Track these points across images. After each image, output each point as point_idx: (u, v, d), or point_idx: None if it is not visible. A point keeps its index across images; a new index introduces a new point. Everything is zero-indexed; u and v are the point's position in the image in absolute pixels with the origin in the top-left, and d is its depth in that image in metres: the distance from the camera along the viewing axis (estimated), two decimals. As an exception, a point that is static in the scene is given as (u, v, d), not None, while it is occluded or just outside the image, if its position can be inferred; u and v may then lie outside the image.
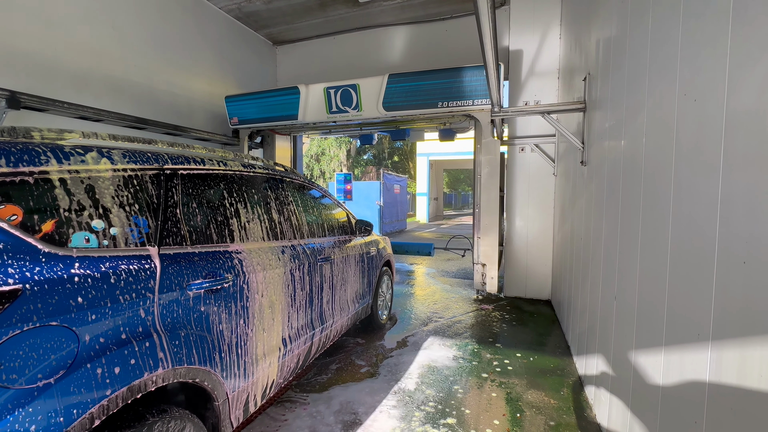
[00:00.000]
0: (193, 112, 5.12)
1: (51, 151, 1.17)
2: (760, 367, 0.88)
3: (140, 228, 1.36)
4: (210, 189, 1.75)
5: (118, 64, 4.08)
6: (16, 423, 0.89)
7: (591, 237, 2.60)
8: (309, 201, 2.69)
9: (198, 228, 1.60)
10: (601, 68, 2.52)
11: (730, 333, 1.00)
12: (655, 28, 1.56)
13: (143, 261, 1.30)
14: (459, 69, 3.86)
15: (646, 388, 1.54)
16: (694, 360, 1.17)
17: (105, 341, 1.11)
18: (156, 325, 1.28)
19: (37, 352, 0.96)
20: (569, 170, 3.63)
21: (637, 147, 1.74)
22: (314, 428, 2.21)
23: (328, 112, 4.54)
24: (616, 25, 2.14)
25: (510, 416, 2.32)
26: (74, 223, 1.16)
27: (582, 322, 2.83)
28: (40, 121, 3.36)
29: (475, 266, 4.55)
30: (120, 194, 1.32)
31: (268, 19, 5.89)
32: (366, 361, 3.10)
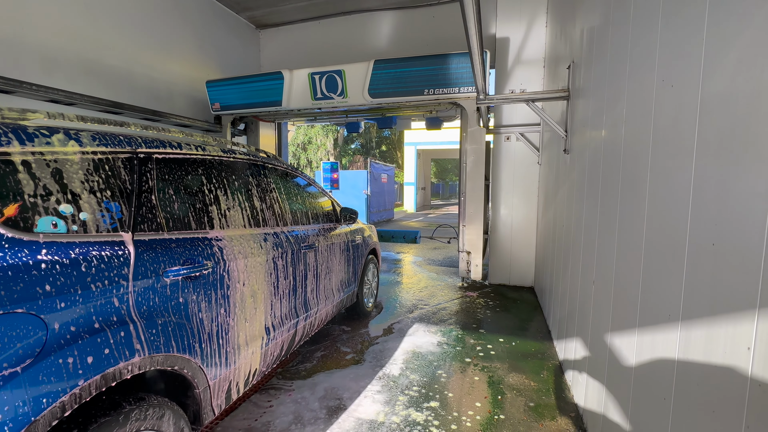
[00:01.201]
0: (173, 97, 4.95)
1: (12, 132, 1.11)
2: (725, 344, 0.92)
3: (113, 213, 1.31)
4: (188, 174, 1.70)
5: (92, 45, 3.89)
6: (-20, 413, 0.86)
7: (572, 224, 2.65)
8: (293, 188, 2.65)
9: (175, 214, 1.56)
10: (585, 56, 2.53)
11: (698, 313, 1.03)
12: (637, 14, 1.56)
13: (116, 247, 1.26)
14: (445, 56, 3.83)
15: (620, 368, 1.59)
16: (664, 340, 1.21)
17: (76, 329, 1.08)
18: (131, 313, 1.25)
19: (1, 340, 0.93)
20: (553, 159, 3.67)
21: (616, 134, 1.76)
22: (298, 414, 2.22)
23: (313, 99, 4.46)
24: (600, 13, 2.14)
25: (491, 398, 2.38)
26: (40, 208, 1.11)
27: (562, 307, 2.90)
28: (6, 102, 3.19)
29: (461, 254, 4.59)
30: (90, 178, 1.27)
31: (250, 1, 5.69)
32: (351, 348, 3.12)
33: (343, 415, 2.21)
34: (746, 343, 0.83)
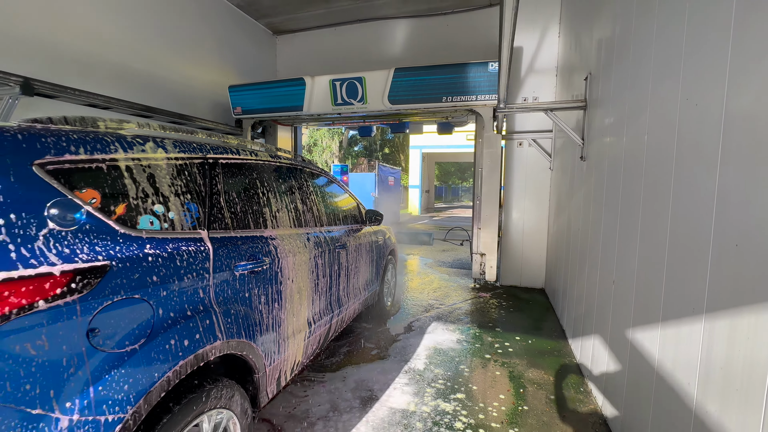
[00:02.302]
0: (194, 100, 5.12)
1: (117, 141, 1.26)
2: (747, 331, 1.06)
3: (192, 213, 1.46)
4: (245, 177, 1.85)
5: (122, 51, 4.06)
6: (113, 382, 1.01)
7: (590, 228, 2.80)
8: (326, 190, 2.81)
9: (238, 214, 1.71)
10: (603, 69, 2.68)
11: (722, 306, 1.18)
12: (659, 34, 1.71)
13: (198, 243, 1.41)
14: (464, 65, 3.99)
15: (642, 360, 1.73)
16: (689, 331, 1.35)
17: (174, 315, 1.23)
18: (212, 303, 1.40)
19: (124, 321, 1.08)
20: (567, 165, 3.81)
21: (639, 144, 1.91)
22: (334, 403, 2.36)
23: (333, 104, 4.62)
24: (620, 30, 2.30)
25: (514, 391, 2.52)
26: (140, 208, 1.27)
27: (578, 307, 3.04)
28: (49, 107, 3.36)
29: (474, 256, 4.73)
30: (174, 182, 1.42)
31: (269, 8, 5.87)
32: (375, 344, 3.27)
33: (376, 404, 2.35)
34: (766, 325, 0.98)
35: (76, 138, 1.14)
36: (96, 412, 0.97)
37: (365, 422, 2.18)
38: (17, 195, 0.94)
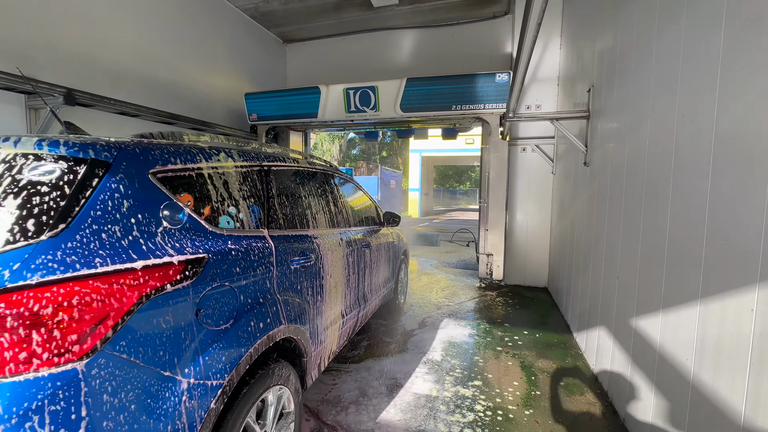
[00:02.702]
0: (211, 107, 5.33)
1: (200, 152, 1.47)
2: (734, 311, 1.29)
3: (255, 214, 1.67)
4: (291, 182, 2.07)
5: (149, 61, 4.27)
6: (213, 353, 1.22)
7: (594, 228, 3.03)
8: (351, 193, 3.02)
9: (287, 215, 1.92)
10: (606, 83, 2.93)
11: (714, 292, 1.41)
12: (658, 56, 1.96)
13: (263, 240, 1.62)
14: (473, 75, 4.23)
15: (645, 345, 1.96)
16: (687, 315, 1.58)
17: (252, 301, 1.44)
18: (276, 292, 1.61)
19: (218, 304, 1.28)
20: (570, 170, 4.06)
21: (640, 153, 2.15)
22: (362, 389, 2.57)
23: (347, 111, 4.84)
24: (621, 48, 2.54)
25: (526, 379, 2.74)
26: (220, 209, 1.48)
27: (583, 303, 3.27)
28: (84, 115, 3.55)
29: (480, 256, 4.96)
30: (241, 186, 1.64)
31: (282, 19, 6.10)
32: (393, 339, 3.47)
33: (401, 391, 2.56)
34: (749, 306, 1.21)
35: (173, 150, 1.35)
36: (204, 377, 1.17)
37: (393, 405, 2.39)
38: (141, 198, 1.15)
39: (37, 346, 0.85)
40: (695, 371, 1.50)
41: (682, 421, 1.57)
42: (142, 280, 1.04)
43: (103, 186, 1.07)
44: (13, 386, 0.82)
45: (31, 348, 0.84)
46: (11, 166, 1.03)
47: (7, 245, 0.90)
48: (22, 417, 0.82)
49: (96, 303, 0.93)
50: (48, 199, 0.98)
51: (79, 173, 1.05)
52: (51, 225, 0.95)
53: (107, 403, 0.94)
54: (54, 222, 0.96)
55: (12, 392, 0.82)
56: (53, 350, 0.86)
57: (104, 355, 0.93)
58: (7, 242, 0.90)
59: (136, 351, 1.00)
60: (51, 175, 1.02)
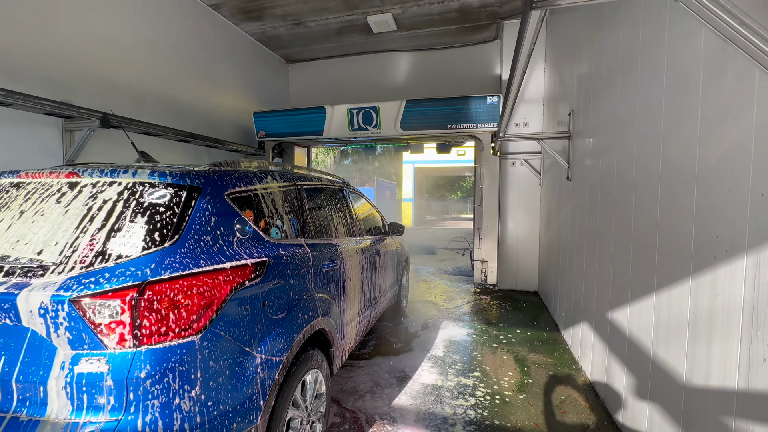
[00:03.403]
0: (223, 125, 5.66)
1: (254, 176, 1.82)
2: (677, 298, 1.67)
3: (294, 226, 2.01)
4: (317, 198, 2.42)
5: (167, 83, 4.60)
6: (275, 336, 1.55)
7: (576, 236, 3.43)
8: (362, 206, 3.38)
9: (316, 227, 2.27)
10: (583, 108, 3.37)
11: (664, 284, 1.79)
12: (622, 94, 2.38)
13: (302, 248, 1.96)
14: (467, 98, 4.67)
15: (618, 333, 2.33)
16: (647, 304, 1.96)
17: (298, 297, 1.77)
18: (313, 291, 1.94)
19: (277, 298, 1.62)
20: (555, 183, 4.49)
21: (610, 171, 2.56)
22: (375, 381, 2.88)
23: (350, 129, 5.23)
24: (594, 81, 2.98)
25: (520, 370, 3.08)
26: (270, 222, 1.82)
27: (568, 302, 3.65)
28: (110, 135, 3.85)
29: (475, 263, 5.33)
30: (283, 203, 1.98)
31: (287, 42, 6.51)
32: (398, 339, 3.79)
33: (410, 381, 2.88)
34: (686, 293, 1.59)
35: (238, 175, 1.69)
36: (271, 354, 1.50)
37: (404, 393, 2.71)
38: (221, 215, 1.49)
39: (172, 323, 1.17)
40: (653, 348, 1.87)
41: (645, 391, 1.94)
42: (231, 277, 1.38)
43: (198, 206, 1.41)
44: (155, 351, 1.15)
45: (168, 323, 1.17)
46: (134, 192, 1.36)
47: (143, 251, 1.23)
48: (162, 374, 1.14)
49: (206, 293, 1.27)
50: (165, 216, 1.32)
51: (182, 196, 1.39)
52: (169, 236, 1.29)
53: (212, 368, 1.26)
54: (171, 233, 1.29)
55: (156, 356, 1.14)
56: (181, 326, 1.19)
57: (210, 332, 1.26)
58: (143, 249, 1.23)
59: (229, 330, 1.33)
60: (163, 198, 1.35)
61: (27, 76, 3.18)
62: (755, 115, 1.20)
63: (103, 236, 1.24)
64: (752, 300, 1.20)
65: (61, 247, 1.23)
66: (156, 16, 4.43)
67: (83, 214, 1.31)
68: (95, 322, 1.11)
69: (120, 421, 1.10)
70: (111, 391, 1.10)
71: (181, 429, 1.16)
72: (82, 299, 1.11)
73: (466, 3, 5.17)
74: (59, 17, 3.41)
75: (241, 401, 1.34)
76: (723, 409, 1.32)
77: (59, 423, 1.08)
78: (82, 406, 1.10)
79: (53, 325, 1.11)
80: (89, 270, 1.17)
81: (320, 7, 5.25)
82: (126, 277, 1.15)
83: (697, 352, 1.51)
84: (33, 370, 1.12)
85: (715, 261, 1.39)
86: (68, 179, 1.43)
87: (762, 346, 1.15)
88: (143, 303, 1.14)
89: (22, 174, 1.52)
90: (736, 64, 1.30)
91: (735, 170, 1.30)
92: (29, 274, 1.18)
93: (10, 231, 1.31)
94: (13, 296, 1.12)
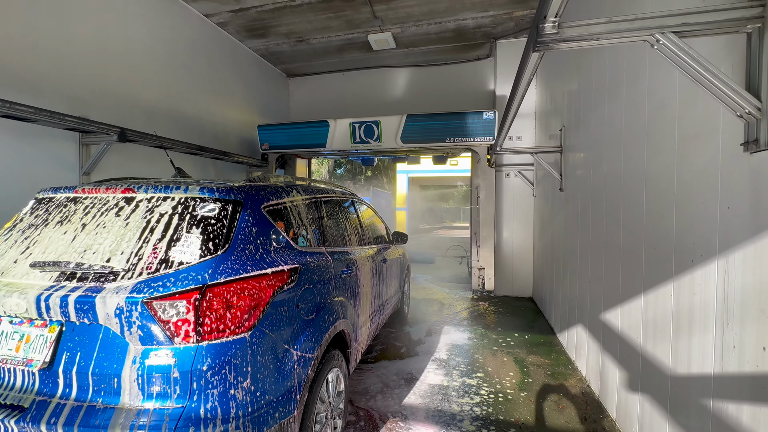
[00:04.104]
0: (228, 137, 5.83)
1: (283, 190, 2.00)
2: (662, 299, 1.88)
3: (316, 235, 2.19)
4: (334, 209, 2.60)
5: (177, 98, 4.77)
6: (307, 335, 1.71)
7: (568, 244, 3.67)
8: (370, 216, 3.57)
9: (334, 236, 2.45)
10: (573, 125, 3.64)
11: (650, 285, 2.01)
12: (609, 115, 2.63)
13: (324, 256, 2.14)
14: (464, 113, 4.93)
15: (611, 333, 2.54)
16: (636, 304, 2.18)
17: (323, 300, 1.94)
18: (334, 295, 2.11)
19: (307, 301, 1.79)
20: (548, 193, 4.74)
21: (600, 183, 2.80)
22: (384, 383, 3.03)
23: (352, 142, 5.44)
24: (583, 100, 3.25)
25: (520, 370, 3.27)
26: (297, 232, 1.99)
27: (563, 307, 3.87)
28: (124, 149, 3.99)
29: (473, 270, 5.54)
30: (306, 215, 2.16)
31: (289, 58, 6.75)
32: (402, 343, 3.95)
33: (417, 382, 3.04)
34: (669, 293, 1.80)
35: (270, 190, 1.88)
36: (305, 351, 1.66)
37: (413, 393, 2.87)
38: (260, 226, 1.67)
39: (228, 321, 1.34)
40: (642, 344, 2.08)
41: (636, 384, 2.14)
42: (273, 281, 1.55)
43: (242, 218, 1.58)
44: (214, 346, 1.31)
45: (225, 321, 1.33)
46: (187, 206, 1.53)
47: (201, 258, 1.40)
48: (220, 366, 1.30)
49: (254, 295, 1.44)
50: (216, 227, 1.49)
51: (229, 209, 1.56)
52: (221, 244, 1.46)
53: (259, 362, 1.42)
54: (222, 242, 1.47)
55: (215, 350, 1.30)
56: (236, 324, 1.36)
57: (258, 330, 1.43)
58: (200, 256, 1.40)
59: (272, 329, 1.50)
60: (213, 212, 1.53)
61: (47, 92, 3.33)
62: (720, 142, 1.44)
63: (164, 245, 1.41)
64: (723, 296, 1.42)
65: (127, 255, 1.39)
66: (168, 35, 4.62)
67: (143, 226, 1.47)
68: (164, 320, 1.27)
69: (185, 408, 1.25)
70: (177, 381, 1.26)
71: (236, 415, 1.31)
72: (153, 301, 1.27)
73: (462, 24, 5.47)
74: (78, 37, 3.57)
75: (282, 393, 1.50)
76: (702, 392, 1.53)
77: (132, 410, 1.23)
78: (152, 394, 1.25)
79: (127, 323, 1.27)
80: (156, 275, 1.33)
81: (323, 26, 5.51)
82: (189, 281, 1.32)
83: (680, 345, 1.72)
84: (107, 363, 1.27)
85: (693, 264, 1.61)
86: (124, 195, 1.60)
87: (731, 335, 1.36)
88: (205, 303, 1.31)
89: (78, 190, 1.68)
90: (704, 97, 1.54)
91: (706, 186, 1.53)
92: (101, 280, 1.34)
93: (76, 242, 1.47)
94: (91, 299, 1.28)
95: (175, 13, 4.76)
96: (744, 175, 1.32)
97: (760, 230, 1.23)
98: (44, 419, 1.24)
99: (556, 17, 1.33)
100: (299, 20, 5.36)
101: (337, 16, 5.27)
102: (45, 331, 1.34)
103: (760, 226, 1.23)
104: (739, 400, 1.31)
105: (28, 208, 1.74)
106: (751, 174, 1.28)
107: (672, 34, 1.28)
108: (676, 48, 1.28)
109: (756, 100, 1.23)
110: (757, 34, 1.24)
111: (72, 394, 1.28)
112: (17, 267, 1.47)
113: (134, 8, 4.18)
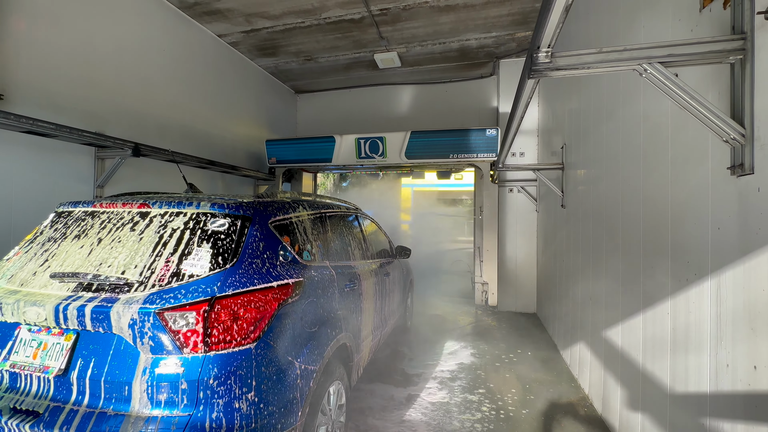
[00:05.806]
0: (236, 152, 5.98)
1: (289, 206, 2.08)
2: (660, 317, 1.91)
3: (320, 250, 2.26)
4: (338, 224, 2.67)
5: (188, 114, 4.94)
6: (310, 348, 1.76)
7: (571, 260, 3.69)
8: (373, 230, 3.63)
9: (338, 250, 2.51)
10: (574, 143, 3.71)
11: (649, 304, 2.03)
12: (608, 134, 2.70)
13: (328, 270, 2.20)
14: (467, 130, 5.03)
15: (612, 349, 2.55)
16: (636, 322, 2.19)
17: (326, 313, 1.99)
18: (338, 308, 2.16)
19: (310, 313, 1.84)
20: (550, 209, 4.78)
21: (600, 200, 2.85)
22: (385, 397, 3.04)
23: (358, 157, 5.56)
24: (584, 119, 3.33)
25: (522, 387, 3.26)
26: (301, 246, 2.06)
27: (566, 324, 3.86)
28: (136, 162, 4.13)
29: (476, 285, 5.54)
30: (312, 230, 2.23)
31: (297, 75, 6.96)
32: (404, 358, 3.95)
33: (418, 399, 3.04)
34: (666, 311, 1.83)
35: (277, 206, 1.95)
36: (307, 363, 1.71)
37: (414, 409, 2.87)
38: (267, 240, 1.74)
39: (235, 332, 1.40)
40: (642, 361, 2.09)
41: (637, 402, 2.14)
42: (278, 294, 1.61)
43: (250, 233, 1.66)
44: (221, 356, 1.36)
45: (232, 333, 1.39)
46: (198, 221, 1.61)
47: (210, 271, 1.47)
48: (226, 376, 1.35)
49: (260, 307, 1.50)
50: (225, 241, 1.56)
51: (238, 225, 1.64)
52: (230, 258, 1.53)
53: (263, 374, 1.47)
54: (231, 257, 1.54)
55: (221, 360, 1.36)
56: (242, 335, 1.41)
57: (263, 341, 1.48)
58: (209, 269, 1.47)
59: (276, 340, 1.55)
60: (223, 227, 1.61)
61: (67, 109, 3.49)
62: (710, 166, 1.49)
63: (176, 259, 1.48)
64: (716, 315, 1.45)
65: (141, 268, 1.47)
66: (182, 54, 4.82)
67: (156, 240, 1.55)
68: (174, 330, 1.33)
69: (191, 416, 1.30)
70: (185, 390, 1.31)
71: (240, 425, 1.36)
72: (165, 311, 1.33)
73: (466, 44, 5.64)
74: (98, 57, 3.76)
75: (284, 404, 1.54)
76: (699, 411, 1.54)
77: (141, 417, 1.29)
78: (160, 402, 1.30)
79: (139, 333, 1.33)
80: (167, 287, 1.40)
81: (332, 45, 5.70)
82: (198, 293, 1.39)
83: (678, 363, 1.74)
84: (119, 371, 1.33)
85: (687, 283, 1.64)
86: (140, 209, 1.69)
87: (725, 354, 1.39)
88: (213, 315, 1.37)
89: (96, 204, 1.77)
90: (694, 122, 1.61)
91: (698, 207, 1.58)
92: (116, 290, 1.41)
93: (93, 255, 1.55)
94: (106, 309, 1.35)
95: (190, 34, 4.98)
96: (732, 197, 1.37)
97: (748, 251, 1.28)
98: (57, 425, 1.29)
99: (549, 47, 1.41)
100: (308, 40, 5.56)
101: (344, 37, 5.46)
102: (61, 339, 1.41)
103: (748, 247, 1.28)
104: (734, 419, 1.33)
105: (48, 221, 1.83)
106: (739, 196, 1.33)
107: (659, 64, 1.36)
108: (663, 77, 1.35)
109: (740, 127, 1.29)
110: (739, 65, 1.31)
111: (84, 400, 1.34)
112: (36, 278, 1.55)
113: (151, 30, 4.39)
